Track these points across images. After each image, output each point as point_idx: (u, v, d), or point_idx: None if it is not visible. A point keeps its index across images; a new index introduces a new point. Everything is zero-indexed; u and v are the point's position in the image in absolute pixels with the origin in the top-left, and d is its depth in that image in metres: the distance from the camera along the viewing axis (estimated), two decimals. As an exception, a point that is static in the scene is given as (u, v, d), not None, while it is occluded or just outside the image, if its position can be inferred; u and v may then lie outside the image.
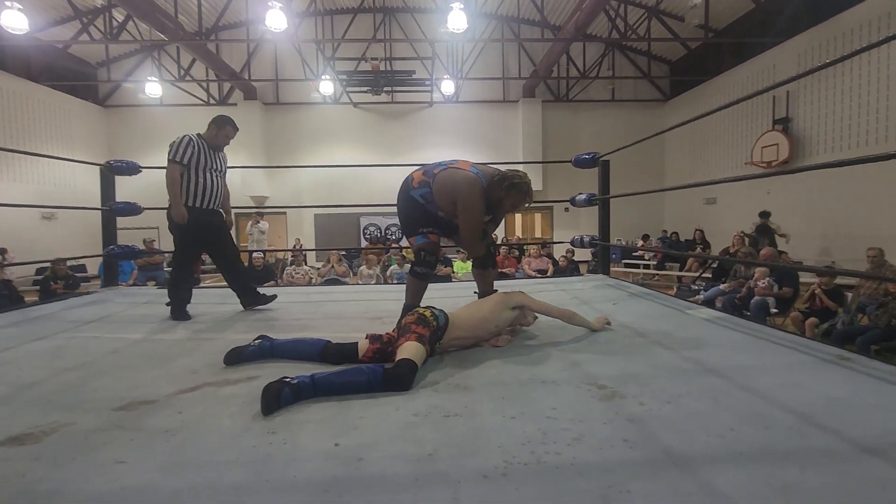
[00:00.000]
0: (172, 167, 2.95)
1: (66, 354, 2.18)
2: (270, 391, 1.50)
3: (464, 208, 2.33)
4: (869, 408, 1.34)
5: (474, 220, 2.37)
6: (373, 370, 1.65)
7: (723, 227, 11.26)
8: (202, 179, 3.02)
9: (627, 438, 1.23)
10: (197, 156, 2.99)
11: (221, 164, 3.18)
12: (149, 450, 1.26)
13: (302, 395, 1.55)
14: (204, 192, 3.03)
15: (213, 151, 3.10)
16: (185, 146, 2.97)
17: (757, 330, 2.19)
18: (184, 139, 2.99)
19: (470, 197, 2.32)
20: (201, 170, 3.02)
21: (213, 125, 3.08)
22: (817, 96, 9.38)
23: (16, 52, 11.31)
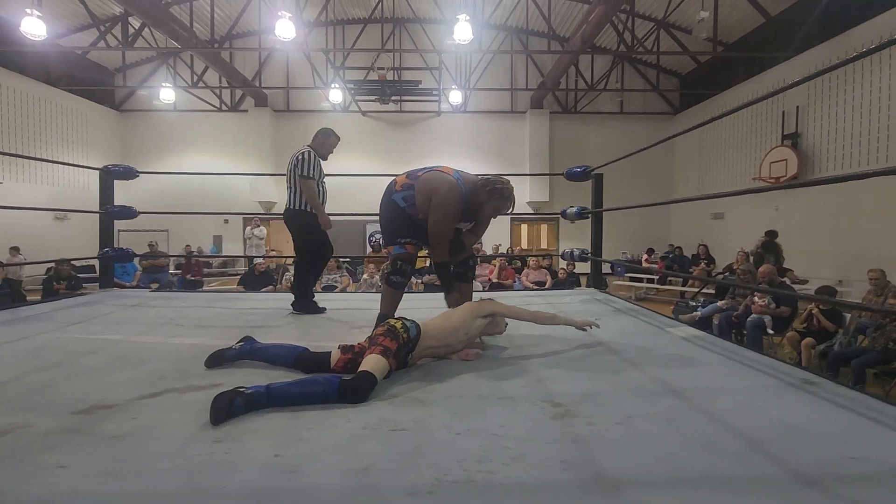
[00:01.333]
0: (308, 183, 3.25)
1: (43, 355, 2.21)
2: (221, 400, 1.50)
3: (438, 206, 2.36)
4: (821, 436, 1.30)
5: (444, 222, 2.38)
6: (329, 381, 1.65)
7: (730, 242, 11.13)
8: (321, 188, 3.39)
9: (565, 460, 1.22)
10: (319, 168, 3.34)
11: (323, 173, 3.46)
12: (93, 455, 1.27)
13: (255, 405, 1.55)
14: (324, 199, 3.40)
15: (320, 161, 3.39)
16: (312, 162, 3.28)
17: (731, 350, 2.16)
18: (309, 156, 3.27)
19: (446, 198, 2.35)
20: (322, 180, 3.38)
21: (320, 135, 3.40)
22: (827, 112, 9.28)
23: (36, 58, 11.65)
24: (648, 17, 12.40)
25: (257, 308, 3.55)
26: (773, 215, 10.26)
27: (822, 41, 9.26)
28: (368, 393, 1.65)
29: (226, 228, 15.00)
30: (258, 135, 14.69)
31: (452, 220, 2.41)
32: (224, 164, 14.94)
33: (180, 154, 15.01)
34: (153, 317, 3.13)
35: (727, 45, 12.19)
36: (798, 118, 9.90)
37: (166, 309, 3.42)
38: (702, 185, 13.43)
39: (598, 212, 4.17)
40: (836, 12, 9.03)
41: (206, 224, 14.60)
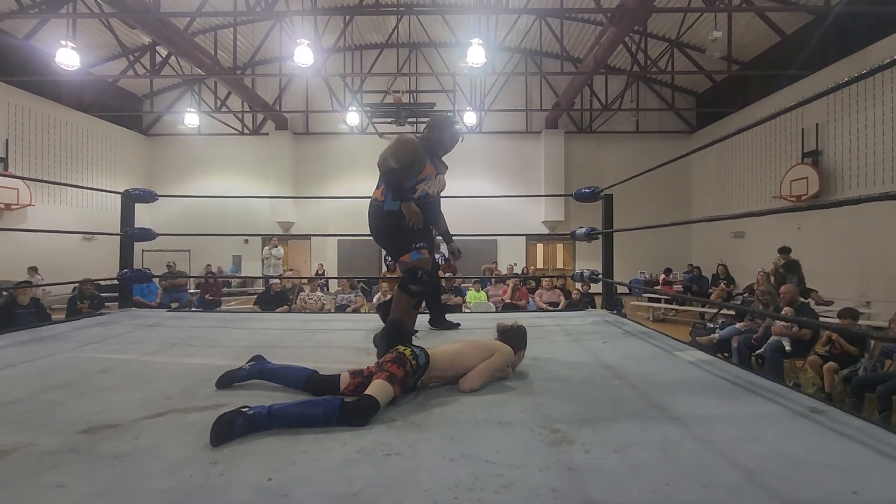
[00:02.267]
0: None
1: (56, 374, 2.28)
2: (222, 422, 1.52)
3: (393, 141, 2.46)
4: (821, 467, 1.26)
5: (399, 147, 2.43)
6: (330, 403, 1.65)
7: (751, 262, 10.88)
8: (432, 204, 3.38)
9: (556, 488, 1.20)
10: None
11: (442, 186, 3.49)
12: (92, 475, 1.31)
13: (256, 426, 1.56)
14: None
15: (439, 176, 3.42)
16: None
17: (737, 376, 2.10)
18: None
19: (396, 140, 2.46)
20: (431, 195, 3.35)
21: None
22: (848, 129, 9.11)
23: (70, 87, 12.26)
24: (661, 37, 12.45)
25: (269, 328, 3.59)
26: (795, 234, 10.02)
27: (840, 59, 9.16)
28: (370, 417, 1.65)
29: (245, 248, 15.32)
30: (278, 157, 15.08)
31: (407, 149, 2.43)
32: (245, 185, 15.35)
33: (204, 176, 15.49)
34: (167, 336, 3.20)
35: (742, 63, 12.14)
36: (818, 135, 9.74)
37: (180, 329, 3.50)
38: (720, 204, 13.23)
39: (608, 232, 4.14)
40: (853, 30, 8.94)
41: (226, 244, 14.94)
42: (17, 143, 11.16)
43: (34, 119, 11.65)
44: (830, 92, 1.84)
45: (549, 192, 14.15)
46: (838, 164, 9.33)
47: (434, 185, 2.62)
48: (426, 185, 2.52)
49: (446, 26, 13.33)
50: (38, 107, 11.70)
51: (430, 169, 2.55)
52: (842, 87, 1.80)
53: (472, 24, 11.52)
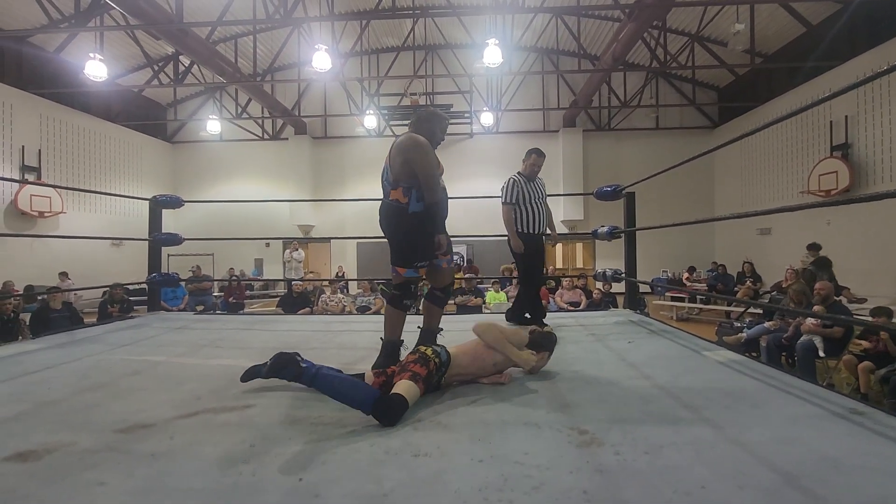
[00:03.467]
0: (506, 208, 3.53)
1: (92, 375, 2.35)
2: (280, 361, 1.72)
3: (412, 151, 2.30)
4: (863, 470, 1.22)
5: (427, 158, 2.30)
6: (369, 391, 1.70)
7: (777, 259, 10.60)
8: (527, 210, 3.50)
9: (588, 490, 1.19)
10: (520, 192, 3.50)
11: (540, 191, 3.58)
12: (130, 473, 1.34)
13: (301, 378, 1.73)
14: (530, 220, 3.51)
15: (530, 183, 3.54)
16: (511, 188, 3.51)
17: (770, 376, 2.05)
18: (509, 181, 3.53)
19: (414, 142, 2.31)
20: (525, 202, 3.50)
21: (524, 158, 3.59)
22: (879, 121, 8.80)
23: (99, 97, 12.64)
24: (681, 31, 12.23)
25: (294, 330, 3.65)
26: (824, 230, 9.72)
27: (869, 48, 8.86)
28: (399, 416, 1.67)
29: (267, 252, 15.55)
30: (298, 161, 15.30)
31: (432, 155, 2.34)
32: (266, 189, 15.59)
33: (226, 181, 15.79)
34: (195, 339, 3.28)
35: (766, 56, 11.83)
36: (848, 128, 9.43)
37: (207, 331, 3.57)
38: (745, 201, 12.92)
39: (630, 231, 4.09)
40: (883, 18, 8.63)
41: (248, 248, 15.20)
42: (49, 153, 11.56)
43: (65, 129, 12.05)
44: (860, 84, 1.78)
45: (567, 191, 14.01)
46: (869, 157, 9.01)
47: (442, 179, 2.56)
48: (441, 179, 2.49)
49: (462, 27, 13.33)
50: (68, 117, 12.10)
51: (441, 164, 2.52)
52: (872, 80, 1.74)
53: (487, 25, 11.51)
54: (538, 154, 3.57)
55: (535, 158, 3.55)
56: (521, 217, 3.52)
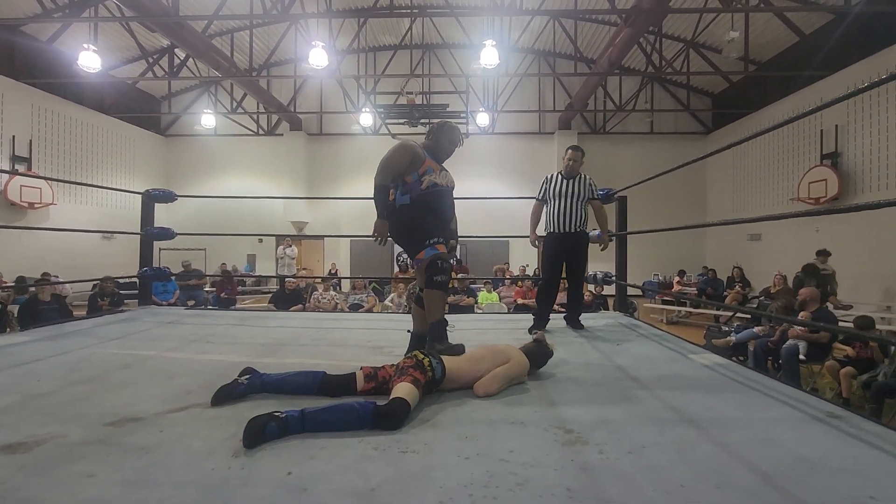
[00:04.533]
0: (534, 205, 3.63)
1: (82, 368, 2.35)
2: (255, 425, 1.50)
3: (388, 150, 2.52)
4: (838, 471, 1.26)
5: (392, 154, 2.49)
6: (363, 407, 1.63)
7: (767, 265, 10.72)
8: (556, 207, 3.46)
9: (571, 488, 1.22)
10: (548, 189, 3.51)
11: (579, 191, 3.47)
12: (119, 466, 1.35)
13: (289, 429, 1.54)
14: (557, 219, 3.47)
15: (568, 181, 3.48)
16: (541, 184, 3.56)
17: (753, 379, 2.09)
18: (544, 178, 3.57)
19: (394, 146, 2.52)
20: (556, 198, 3.47)
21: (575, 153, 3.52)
22: (868, 130, 8.94)
23: (92, 88, 12.52)
24: (677, 37, 12.33)
25: (285, 326, 3.65)
26: (813, 237, 9.85)
27: (860, 59, 8.99)
28: (404, 420, 1.64)
29: (260, 247, 15.49)
30: (292, 157, 15.24)
31: (399, 158, 2.48)
32: (260, 185, 15.52)
33: (220, 176, 15.71)
34: (185, 334, 3.27)
35: (760, 63, 11.96)
36: (837, 137, 9.57)
37: (199, 326, 3.57)
38: (736, 206, 13.06)
39: (622, 235, 4.13)
40: (875, 30, 8.76)
41: (240, 243, 15.13)
42: (40, 144, 11.44)
43: (57, 120, 11.92)
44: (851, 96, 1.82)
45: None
46: (858, 167, 9.15)
47: (440, 177, 2.59)
48: (431, 176, 2.52)
49: (460, 27, 13.34)
50: (60, 108, 11.97)
51: (429, 162, 2.56)
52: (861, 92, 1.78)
53: (485, 26, 11.53)
54: (573, 149, 3.51)
55: (570, 154, 3.49)
56: (549, 215, 3.50)
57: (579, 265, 3.57)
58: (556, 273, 3.56)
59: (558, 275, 3.60)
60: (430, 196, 2.49)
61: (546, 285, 3.58)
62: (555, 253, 3.50)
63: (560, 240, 3.47)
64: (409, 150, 2.50)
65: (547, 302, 3.53)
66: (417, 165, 2.49)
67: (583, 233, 3.53)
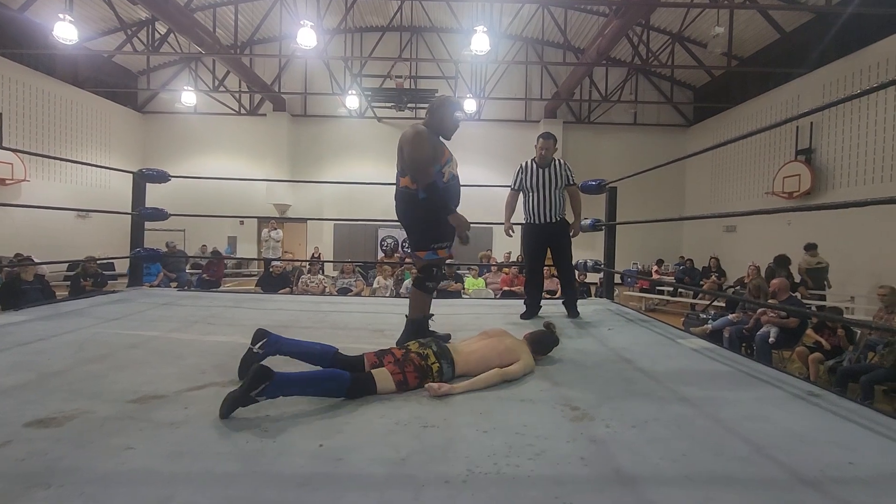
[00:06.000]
0: (508, 194, 3.56)
1: (90, 347, 2.37)
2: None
3: (408, 141, 2.41)
4: (822, 443, 1.41)
5: (420, 151, 2.39)
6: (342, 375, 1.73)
7: (742, 255, 11.13)
8: (533, 199, 3.42)
9: (585, 457, 1.33)
10: (522, 178, 3.44)
11: (555, 178, 3.40)
12: (155, 439, 1.41)
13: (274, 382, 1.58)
14: (534, 208, 3.42)
15: (542, 169, 3.40)
16: (516, 173, 3.48)
17: (739, 363, 2.25)
18: (517, 167, 3.50)
19: (414, 134, 2.42)
20: (533, 190, 3.41)
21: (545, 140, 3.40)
22: (841, 128, 9.29)
23: (65, 60, 12.03)
24: (664, 30, 12.49)
25: (282, 309, 3.69)
26: (785, 230, 10.26)
27: (838, 58, 9.30)
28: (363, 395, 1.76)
29: (241, 229, 15.27)
30: (276, 139, 14.98)
31: (424, 145, 2.41)
32: (241, 166, 15.23)
33: (199, 156, 15.34)
34: (184, 315, 3.29)
35: (742, 59, 12.24)
36: (812, 134, 9.92)
37: (195, 308, 3.58)
38: (714, 198, 13.44)
39: (611, 225, 4.27)
40: (853, 29, 9.06)
41: (221, 225, 14.86)
42: (11, 117, 10.96)
43: (28, 93, 11.42)
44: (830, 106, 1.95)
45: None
46: (830, 163, 9.53)
47: (454, 166, 2.63)
48: (450, 167, 2.54)
49: (449, 11, 13.23)
50: (31, 80, 11.46)
51: (447, 151, 2.58)
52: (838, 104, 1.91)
53: (475, 10, 11.46)
54: (545, 138, 3.39)
55: (541, 142, 3.39)
56: (527, 206, 3.47)
57: (565, 252, 3.54)
58: (538, 263, 3.60)
59: (541, 265, 3.63)
60: (448, 191, 2.49)
61: (530, 275, 3.60)
62: (535, 243, 3.50)
63: (540, 230, 3.46)
64: (427, 138, 2.44)
65: (533, 292, 3.55)
66: (439, 156, 2.47)
67: (563, 221, 3.50)
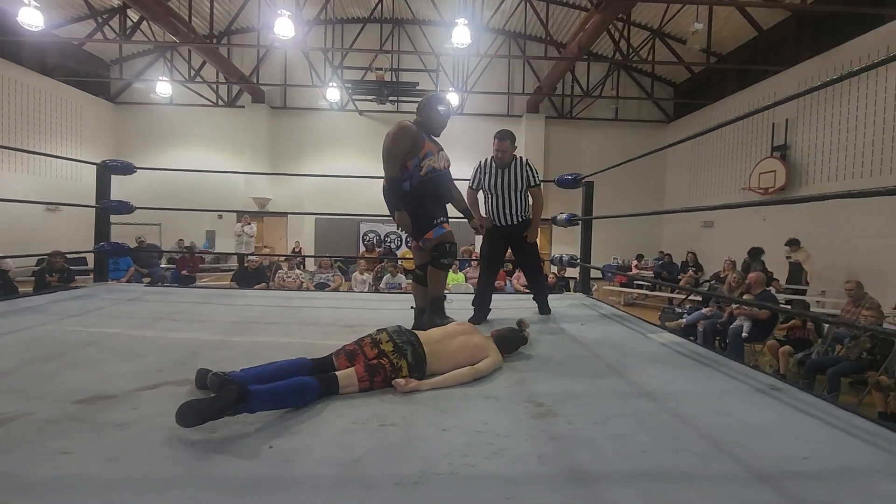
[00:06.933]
0: (467, 192, 3.27)
1: (43, 346, 2.27)
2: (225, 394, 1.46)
3: (388, 135, 2.56)
4: (780, 437, 1.41)
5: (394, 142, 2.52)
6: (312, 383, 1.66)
7: (719, 250, 11.30)
8: (494, 202, 3.22)
9: (543, 455, 1.31)
10: (481, 178, 3.25)
11: (516, 180, 3.16)
12: (96, 442, 1.34)
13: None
14: (493, 210, 3.24)
15: (502, 170, 3.19)
16: (474, 171, 3.29)
17: (705, 357, 2.26)
18: (477, 164, 3.31)
19: (396, 129, 2.53)
20: (493, 192, 3.21)
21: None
22: (815, 125, 9.47)
23: (32, 48, 11.60)
24: (644, 26, 12.56)
25: (252, 305, 3.61)
26: (760, 225, 10.45)
27: (813, 56, 9.46)
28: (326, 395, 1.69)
29: (219, 223, 14.97)
30: (255, 131, 14.69)
31: (400, 140, 2.51)
32: (219, 159, 14.91)
33: (175, 148, 14.96)
34: (149, 311, 3.19)
35: (721, 56, 12.38)
36: (787, 130, 10.09)
37: (162, 304, 3.48)
38: (693, 193, 13.62)
39: (587, 219, 4.27)
40: (827, 28, 9.23)
41: (199, 219, 14.56)
42: (-26, 107, 10.56)
43: (-8, 81, 11.01)
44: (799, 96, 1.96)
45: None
46: (804, 159, 9.71)
47: (439, 160, 2.66)
48: (430, 160, 2.58)
49: (431, 3, 13.10)
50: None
51: (429, 145, 2.62)
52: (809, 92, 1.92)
53: (457, 2, 11.36)
54: (500, 137, 3.12)
55: (496, 143, 3.13)
56: (488, 207, 3.25)
57: (530, 251, 3.31)
58: (495, 265, 3.35)
59: (497, 268, 3.42)
60: (428, 183, 2.58)
61: (483, 278, 3.26)
62: (493, 247, 3.27)
63: (500, 232, 3.23)
64: (408, 133, 2.52)
65: (484, 293, 3.21)
66: (419, 149, 2.54)
67: (527, 220, 3.24)
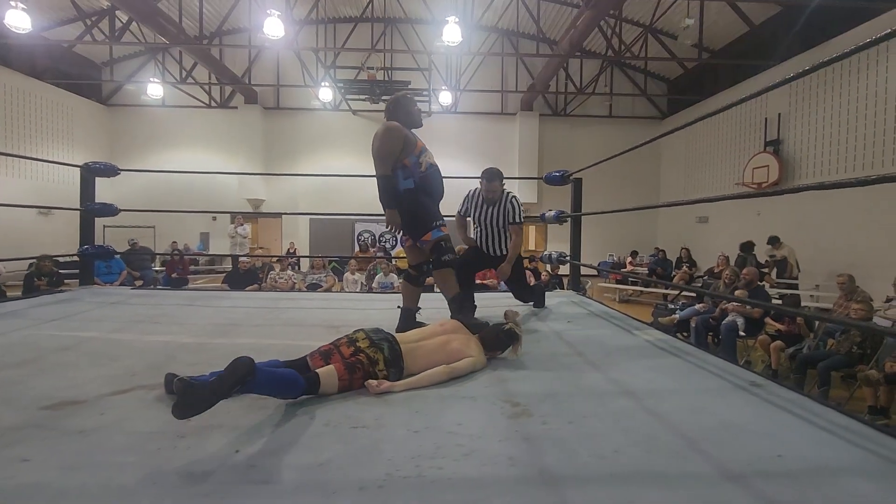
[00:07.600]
0: (455, 218, 3.34)
1: (15, 351, 2.23)
2: None
3: (378, 136, 2.52)
4: (756, 435, 1.38)
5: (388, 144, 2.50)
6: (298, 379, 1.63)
7: (713, 246, 11.30)
8: (481, 233, 3.27)
9: (513, 456, 1.28)
10: (469, 207, 3.29)
11: (501, 217, 3.16)
12: (56, 449, 1.31)
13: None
14: (483, 242, 3.28)
15: (489, 207, 3.19)
16: (464, 200, 3.32)
17: (689, 353, 2.24)
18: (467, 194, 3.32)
19: (385, 129, 2.51)
20: (480, 224, 3.27)
21: None
22: (808, 119, 9.47)
23: (21, 50, 11.51)
24: (636, 22, 12.54)
25: (237, 306, 3.56)
26: (755, 220, 10.45)
27: (804, 51, 9.45)
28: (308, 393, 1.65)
29: (213, 225, 14.92)
30: (248, 132, 14.64)
31: (388, 140, 2.49)
32: (213, 160, 14.84)
33: (169, 150, 14.90)
34: (131, 314, 3.15)
35: (713, 52, 12.37)
36: (780, 125, 10.09)
37: (146, 307, 3.43)
38: (687, 189, 13.62)
39: (576, 216, 4.24)
40: (818, 23, 9.22)
41: (193, 221, 14.50)
42: (-37, 110, 10.48)
43: (-19, 84, 10.93)
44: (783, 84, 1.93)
45: (523, 174, 14.23)
46: (797, 154, 9.71)
47: (430, 155, 2.69)
48: (427, 156, 2.61)
49: (422, 2, 13.06)
50: (-15, 71, 10.97)
51: (420, 142, 2.63)
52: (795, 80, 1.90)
53: (448, 1, 11.33)
54: (488, 179, 3.10)
55: (485, 185, 3.11)
56: (476, 234, 3.33)
57: (516, 272, 3.30)
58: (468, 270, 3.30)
59: (471, 274, 3.41)
60: (428, 178, 2.59)
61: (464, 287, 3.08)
62: (472, 262, 3.34)
63: (483, 257, 3.31)
64: (399, 133, 2.51)
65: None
66: (412, 147, 2.54)
67: None
